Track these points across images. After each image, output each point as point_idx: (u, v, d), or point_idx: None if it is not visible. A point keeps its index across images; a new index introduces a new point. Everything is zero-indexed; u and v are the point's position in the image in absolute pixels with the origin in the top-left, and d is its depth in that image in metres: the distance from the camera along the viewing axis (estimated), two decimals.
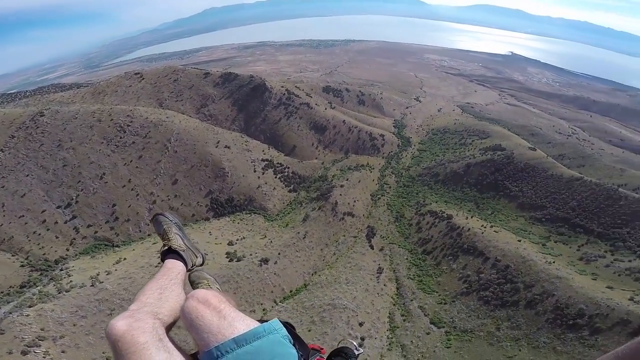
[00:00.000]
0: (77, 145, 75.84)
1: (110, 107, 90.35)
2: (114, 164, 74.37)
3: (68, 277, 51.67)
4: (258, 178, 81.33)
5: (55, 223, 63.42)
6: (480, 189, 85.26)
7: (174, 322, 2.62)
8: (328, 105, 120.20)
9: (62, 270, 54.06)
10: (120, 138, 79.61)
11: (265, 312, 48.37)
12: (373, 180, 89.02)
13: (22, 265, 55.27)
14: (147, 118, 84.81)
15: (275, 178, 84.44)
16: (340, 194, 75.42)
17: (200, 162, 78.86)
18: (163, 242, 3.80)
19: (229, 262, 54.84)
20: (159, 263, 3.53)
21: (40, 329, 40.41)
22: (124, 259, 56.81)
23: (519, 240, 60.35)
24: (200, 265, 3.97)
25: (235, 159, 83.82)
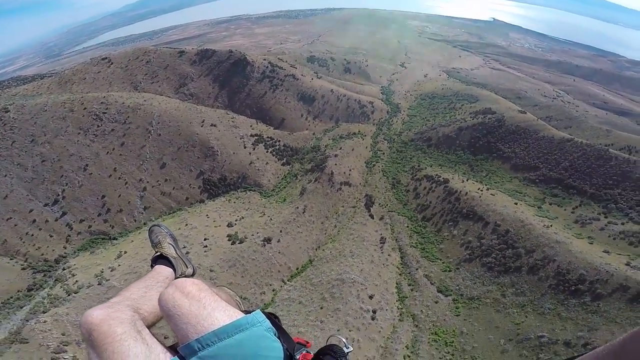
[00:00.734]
0: (52, 139, 70.32)
1: (81, 95, 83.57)
2: (96, 154, 69.81)
3: (73, 276, 50.26)
4: (249, 154, 78.21)
5: (46, 222, 59.94)
6: (474, 152, 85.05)
7: (155, 321, 2.44)
8: (314, 76, 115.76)
9: (64, 270, 52.45)
10: (98, 126, 74.21)
11: (275, 292, 47.39)
12: (366, 148, 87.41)
13: (23, 268, 52.89)
14: (123, 103, 79.07)
15: (267, 152, 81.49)
16: (336, 164, 73.61)
17: (187, 143, 74.78)
18: (155, 250, 3.81)
19: (232, 244, 52.96)
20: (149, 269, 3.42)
21: (62, 334, 39.42)
22: (125, 253, 54.81)
23: (516, 203, 60.64)
24: (190, 277, 3.62)
25: (223, 137, 79.98)
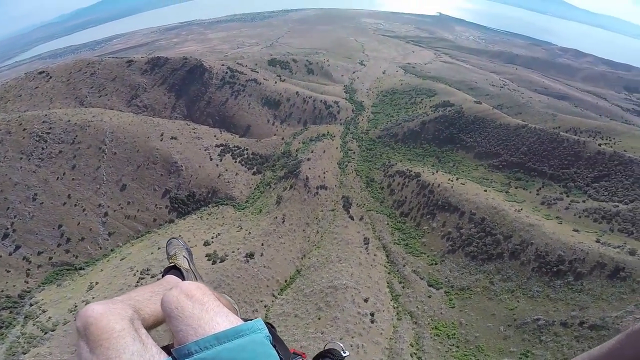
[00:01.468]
0: None
1: (18, 114, 74.21)
2: (45, 181, 62.39)
3: (44, 312, 46.54)
4: (217, 166, 74.40)
5: None
6: (439, 144, 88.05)
7: (154, 325, 2.43)
8: (277, 79, 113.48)
9: (32, 306, 48.39)
10: (43, 149, 66.32)
11: (268, 308, 45.09)
12: (337, 148, 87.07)
13: None
14: (69, 121, 71.48)
15: (236, 162, 78.09)
16: (309, 168, 72.28)
17: (147, 160, 69.30)
18: (170, 261, 3.88)
19: (213, 264, 49.73)
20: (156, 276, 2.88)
21: None
22: (97, 284, 50.44)
23: (485, 190, 63.38)
24: None
25: (186, 150, 75.32)
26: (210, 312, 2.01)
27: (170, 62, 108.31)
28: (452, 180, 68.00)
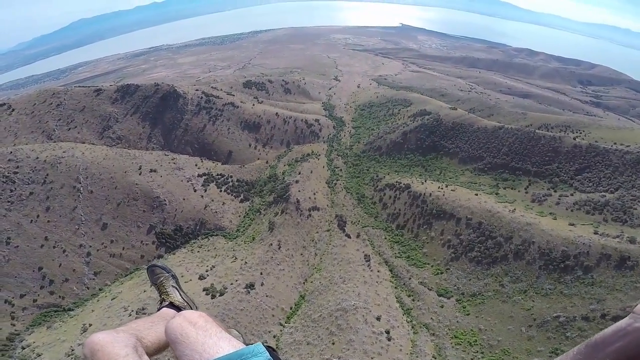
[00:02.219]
0: None
1: None
2: (18, 224, 57.73)
3: (38, 356, 44.21)
4: (201, 197, 71.19)
5: None
6: (422, 152, 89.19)
7: (156, 352, 2.55)
8: (254, 101, 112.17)
9: (24, 349, 45.97)
10: (11, 191, 61.11)
11: (277, 338, 42.42)
12: (323, 167, 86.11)
13: None
14: (37, 158, 66.63)
15: (221, 192, 75.10)
16: (299, 190, 70.62)
17: (127, 196, 65.26)
18: (161, 296, 3.80)
19: (212, 298, 46.79)
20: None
21: None
22: (90, 325, 47.25)
23: (476, 194, 64.11)
24: None
25: (168, 183, 71.75)
26: (214, 337, 2.10)
27: (142, 89, 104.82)
28: (442, 188, 68.43)
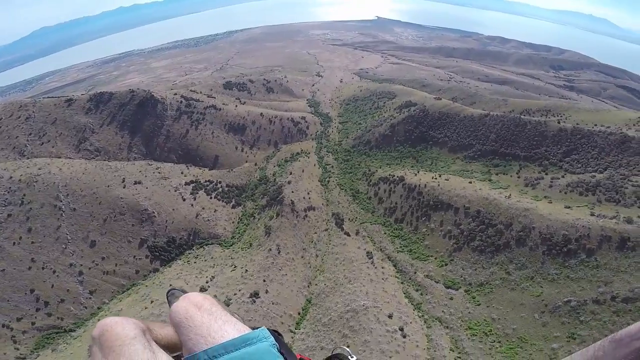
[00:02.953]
0: None
1: None
2: (0, 248, 53.88)
3: None
4: (191, 206, 68.35)
5: None
6: (412, 144, 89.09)
7: (164, 349, 2.41)
8: (237, 102, 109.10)
9: None
10: None
11: (290, 346, 40.31)
12: (315, 165, 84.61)
13: None
14: (11, 177, 62.20)
15: (211, 199, 72.41)
16: (292, 191, 68.93)
17: (113, 211, 61.76)
18: None
19: None
20: None
21: None
22: None
23: (470, 182, 64.24)
24: None
25: (155, 194, 68.44)
26: (219, 320, 2.09)
27: (116, 96, 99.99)
28: (436, 178, 68.33)
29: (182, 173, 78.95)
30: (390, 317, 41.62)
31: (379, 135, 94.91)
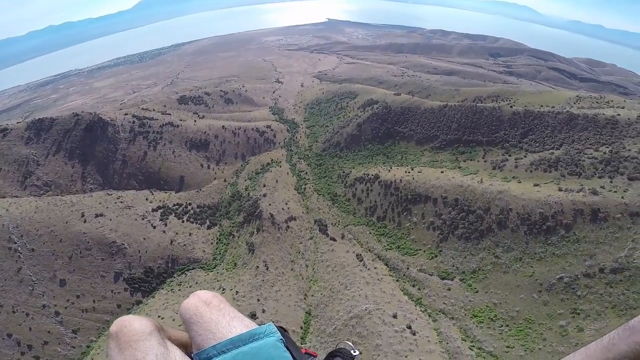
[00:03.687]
0: None
1: None
2: None
3: None
4: (164, 232, 63.68)
5: None
6: (380, 140, 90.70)
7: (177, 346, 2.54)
8: (195, 117, 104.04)
9: None
10: None
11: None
12: (288, 174, 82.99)
13: None
14: None
15: (183, 222, 68.00)
16: (270, 204, 66.81)
17: (77, 247, 55.99)
18: None
19: None
20: None
21: None
22: None
23: (442, 172, 66.46)
24: None
25: (121, 225, 62.85)
26: (227, 316, 2.18)
27: (59, 122, 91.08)
28: (409, 172, 69.81)
29: (146, 199, 73.44)
30: (395, 316, 41.42)
31: (347, 136, 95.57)
